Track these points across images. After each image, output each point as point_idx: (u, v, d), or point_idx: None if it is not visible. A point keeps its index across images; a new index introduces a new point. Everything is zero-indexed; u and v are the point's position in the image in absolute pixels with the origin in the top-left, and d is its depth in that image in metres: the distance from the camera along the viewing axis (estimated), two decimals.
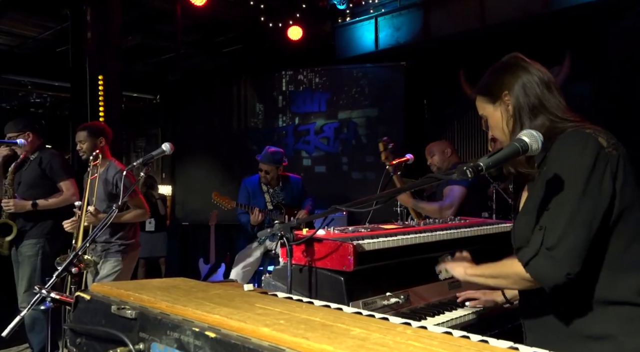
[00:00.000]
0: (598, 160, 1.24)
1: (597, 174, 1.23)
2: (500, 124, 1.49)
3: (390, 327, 0.88)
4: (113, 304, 1.01)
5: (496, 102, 1.50)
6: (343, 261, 1.76)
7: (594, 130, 1.32)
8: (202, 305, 0.96)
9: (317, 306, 1.04)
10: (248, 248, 4.27)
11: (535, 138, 1.16)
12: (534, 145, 1.15)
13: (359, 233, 2.02)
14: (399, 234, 2.03)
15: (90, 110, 4.50)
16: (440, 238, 2.11)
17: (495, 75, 1.52)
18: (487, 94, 1.53)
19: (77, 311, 1.11)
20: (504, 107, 1.47)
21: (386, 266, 1.90)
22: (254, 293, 1.13)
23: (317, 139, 5.90)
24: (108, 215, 2.33)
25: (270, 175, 4.26)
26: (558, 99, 1.43)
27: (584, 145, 1.27)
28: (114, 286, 1.11)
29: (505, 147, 1.19)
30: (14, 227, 3.51)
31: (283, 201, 4.33)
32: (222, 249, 5.50)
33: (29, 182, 3.59)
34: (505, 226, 2.50)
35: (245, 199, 4.28)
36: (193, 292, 1.10)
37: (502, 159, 1.17)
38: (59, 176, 3.64)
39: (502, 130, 1.49)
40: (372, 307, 1.80)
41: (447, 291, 2.11)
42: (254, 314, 0.90)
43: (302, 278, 1.89)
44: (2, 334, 2.05)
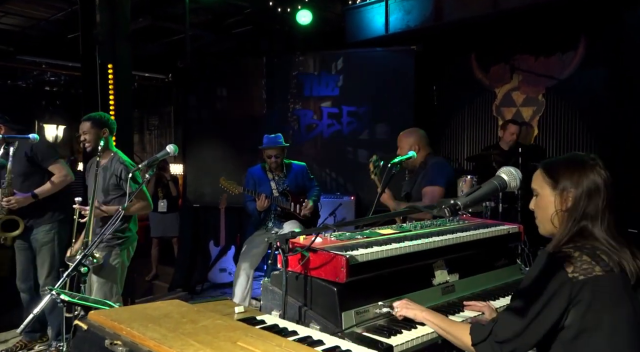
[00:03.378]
0: (561, 287, 1.37)
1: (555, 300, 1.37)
2: (548, 209, 1.51)
3: None
4: (107, 338, 1.08)
5: (556, 189, 1.50)
6: (336, 273, 1.81)
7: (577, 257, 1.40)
8: (187, 344, 1.02)
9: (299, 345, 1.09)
10: (256, 234, 4.35)
11: (514, 176, 1.18)
12: (512, 183, 1.18)
13: (354, 241, 2.07)
14: (394, 241, 2.07)
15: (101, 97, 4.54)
16: (434, 246, 2.15)
17: (569, 166, 1.52)
18: (552, 177, 1.52)
19: (76, 339, 1.19)
20: (561, 199, 1.49)
21: (379, 275, 1.95)
22: (240, 325, 1.20)
23: (327, 122, 5.90)
24: (114, 217, 2.41)
25: (280, 158, 4.31)
26: (608, 221, 1.46)
27: (552, 275, 1.38)
28: (109, 316, 1.18)
29: (484, 185, 1.22)
30: (21, 223, 3.58)
31: (288, 188, 4.39)
32: (232, 232, 5.62)
33: (21, 174, 3.60)
34: (502, 228, 2.52)
35: (252, 186, 4.34)
36: (182, 323, 1.16)
37: (480, 198, 1.20)
38: (48, 161, 3.64)
39: (547, 214, 1.52)
40: (364, 316, 1.86)
41: (440, 296, 2.16)
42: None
43: (298, 285, 1.95)
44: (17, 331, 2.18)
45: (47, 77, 8.99)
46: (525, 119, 5.74)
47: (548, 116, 5.56)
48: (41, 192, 3.60)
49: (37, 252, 3.72)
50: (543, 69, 5.54)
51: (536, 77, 5.58)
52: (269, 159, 4.29)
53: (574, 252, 1.40)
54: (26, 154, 3.58)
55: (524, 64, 5.63)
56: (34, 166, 3.64)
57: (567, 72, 5.39)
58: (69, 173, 3.69)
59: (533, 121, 5.72)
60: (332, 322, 1.79)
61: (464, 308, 2.06)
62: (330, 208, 5.28)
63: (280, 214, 4.36)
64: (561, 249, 1.43)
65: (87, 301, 2.18)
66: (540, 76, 5.53)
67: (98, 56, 4.43)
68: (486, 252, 2.44)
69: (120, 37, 4.45)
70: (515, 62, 5.67)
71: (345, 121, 5.82)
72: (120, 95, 4.45)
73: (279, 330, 1.33)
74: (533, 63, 5.58)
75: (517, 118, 5.69)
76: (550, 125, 5.57)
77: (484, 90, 5.88)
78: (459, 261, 2.28)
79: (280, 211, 4.35)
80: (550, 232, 1.54)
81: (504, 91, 5.82)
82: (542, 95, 5.59)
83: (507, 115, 5.80)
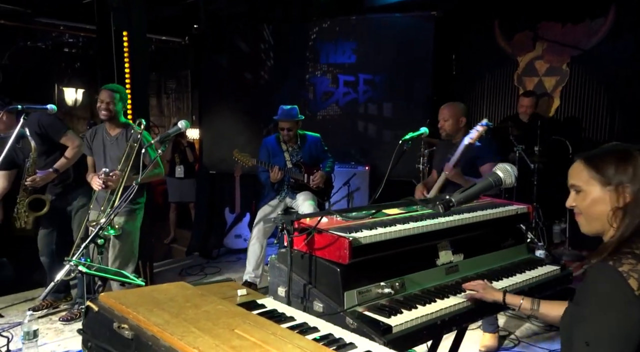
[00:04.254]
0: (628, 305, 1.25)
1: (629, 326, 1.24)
2: (599, 207, 1.41)
3: None
4: (115, 320, 1.17)
5: (609, 185, 1.40)
6: (339, 254, 1.87)
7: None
8: (188, 331, 1.10)
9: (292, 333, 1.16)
10: (269, 205, 4.44)
11: (510, 173, 1.19)
12: (508, 180, 1.19)
13: (359, 221, 2.11)
14: (398, 222, 2.10)
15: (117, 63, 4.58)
16: (439, 227, 2.17)
17: (620, 159, 1.41)
18: (600, 172, 1.41)
19: (88, 320, 1.28)
20: (617, 196, 1.38)
21: (383, 256, 2.00)
22: (239, 311, 1.27)
23: (343, 91, 5.86)
24: (129, 190, 2.50)
25: (293, 131, 4.34)
26: None
27: (614, 285, 1.27)
28: (118, 299, 1.26)
29: (478, 183, 1.24)
30: (47, 201, 3.74)
31: (302, 159, 4.43)
32: (247, 199, 5.73)
33: (38, 153, 3.70)
34: (510, 209, 2.53)
35: (266, 157, 4.40)
36: (185, 308, 1.24)
37: (474, 195, 1.21)
38: (58, 134, 3.75)
39: (597, 213, 1.42)
40: (366, 296, 1.93)
41: (443, 276, 2.21)
42: (229, 347, 1.03)
43: (303, 264, 2.02)
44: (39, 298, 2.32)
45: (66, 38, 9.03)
46: (547, 89, 5.60)
47: (571, 87, 5.42)
48: (60, 166, 3.74)
49: (74, 215, 3.91)
50: (569, 37, 5.36)
51: (561, 45, 5.41)
52: (282, 131, 4.32)
53: (636, 264, 1.28)
54: (36, 132, 3.68)
55: (549, 31, 5.45)
56: (47, 143, 3.76)
57: (595, 40, 5.21)
58: (80, 142, 3.80)
59: (555, 92, 5.58)
60: (335, 301, 1.86)
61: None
62: (344, 178, 5.34)
63: (294, 185, 4.42)
64: (621, 258, 1.30)
65: (105, 272, 2.30)
66: (565, 45, 5.36)
67: (113, 23, 4.44)
68: (493, 233, 2.47)
69: (135, 2, 4.44)
70: (540, 30, 5.49)
71: (361, 89, 5.77)
72: (135, 61, 4.49)
73: (277, 315, 1.41)
74: (559, 30, 5.40)
75: (539, 88, 5.57)
76: (573, 97, 5.43)
77: (506, 58, 5.73)
78: (464, 242, 2.30)
79: (293, 182, 4.41)
80: (598, 231, 1.45)
81: (527, 60, 5.67)
82: (566, 64, 5.43)
83: (529, 85, 5.67)
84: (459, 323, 1.98)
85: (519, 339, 3.55)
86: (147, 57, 4.84)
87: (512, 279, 2.26)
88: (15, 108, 3.19)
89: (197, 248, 5.94)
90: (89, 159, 3.71)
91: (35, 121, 3.66)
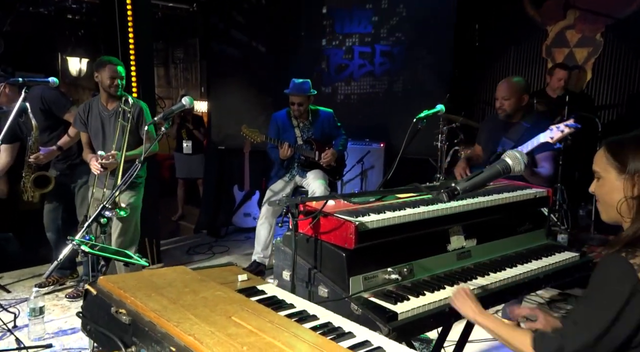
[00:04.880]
0: (633, 296, 1.29)
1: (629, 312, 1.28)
2: (614, 195, 1.42)
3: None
4: (113, 305, 1.23)
5: (623, 173, 1.41)
6: (345, 239, 1.90)
7: None
8: (184, 317, 1.15)
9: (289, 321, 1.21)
10: (278, 183, 4.49)
11: (519, 160, 1.20)
12: (517, 168, 1.20)
13: (367, 205, 2.14)
14: (408, 206, 2.13)
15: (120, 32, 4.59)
16: (451, 211, 2.19)
17: (633, 147, 1.42)
18: (618, 159, 1.42)
19: (87, 303, 1.34)
20: (631, 184, 1.39)
21: (391, 240, 2.03)
22: (238, 298, 1.32)
23: (358, 63, 5.82)
24: (131, 169, 2.56)
25: (304, 106, 4.34)
26: None
27: (624, 281, 1.30)
28: (116, 283, 1.32)
29: (486, 170, 1.25)
30: (52, 179, 3.84)
31: (313, 136, 4.45)
32: (257, 176, 5.79)
33: (42, 129, 3.80)
34: (528, 192, 2.53)
35: (275, 133, 4.42)
36: (184, 294, 1.30)
37: (481, 183, 1.23)
38: (62, 110, 3.85)
39: (611, 201, 1.44)
40: (373, 282, 1.97)
41: (454, 262, 2.24)
42: (225, 335, 1.09)
43: (309, 248, 2.06)
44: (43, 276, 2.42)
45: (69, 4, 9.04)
46: (578, 61, 5.48)
47: (605, 59, 5.29)
48: (64, 144, 3.84)
49: (77, 191, 4.02)
50: (604, 5, 5.21)
51: (595, 14, 5.26)
52: (293, 106, 4.33)
53: None
54: (40, 108, 3.76)
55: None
56: (51, 119, 3.85)
57: (632, 8, 5.05)
58: None
59: (587, 64, 5.46)
60: (340, 287, 1.91)
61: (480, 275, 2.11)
62: (357, 156, 5.35)
63: (304, 163, 4.45)
64: (636, 250, 1.33)
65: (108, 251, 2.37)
66: (599, 14, 5.21)
67: None
68: (508, 217, 2.48)
69: None
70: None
71: (377, 61, 5.72)
72: (140, 29, 4.51)
73: (276, 302, 1.46)
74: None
75: (570, 61, 5.45)
76: (607, 70, 5.31)
77: (534, 28, 5.60)
78: (478, 226, 2.32)
79: (304, 160, 4.44)
80: (615, 220, 1.47)
81: (557, 30, 5.54)
82: (600, 34, 5.29)
83: (558, 57, 5.55)
84: None
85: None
86: (151, 24, 4.85)
87: (527, 265, 2.28)
88: (17, 81, 3.25)
89: (206, 226, 6.05)
90: (83, 135, 3.75)
91: (38, 96, 3.73)
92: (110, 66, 3.55)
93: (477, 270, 2.18)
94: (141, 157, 2.55)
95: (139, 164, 2.52)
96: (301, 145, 4.40)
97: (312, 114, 4.48)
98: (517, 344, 1.52)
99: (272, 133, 4.43)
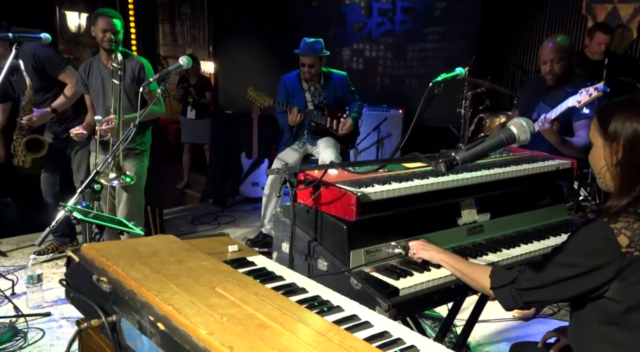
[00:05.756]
0: (610, 261, 1.38)
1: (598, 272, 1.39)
2: (600, 161, 1.47)
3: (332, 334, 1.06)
4: (95, 273, 1.28)
5: (605, 141, 1.44)
6: (346, 210, 1.93)
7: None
8: (166, 287, 1.20)
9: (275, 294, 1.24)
10: (287, 151, 4.51)
11: (525, 129, 1.19)
12: (522, 137, 1.19)
13: (372, 175, 2.15)
14: (416, 177, 2.13)
15: None
16: (463, 183, 2.19)
17: (624, 107, 1.42)
18: (602, 125, 1.44)
19: (70, 270, 1.40)
20: (612, 151, 1.42)
21: (395, 213, 2.05)
22: (224, 269, 1.36)
23: (377, 21, 5.72)
24: (126, 133, 2.60)
25: (315, 68, 4.32)
26: None
27: (603, 246, 1.38)
28: (99, 251, 1.37)
29: (488, 138, 1.25)
30: (46, 143, 3.91)
31: (325, 101, 4.43)
32: (265, 143, 5.81)
33: (35, 89, 3.81)
34: (549, 164, 2.51)
35: (284, 97, 4.42)
36: (168, 263, 1.34)
37: (482, 153, 1.23)
38: (57, 70, 3.87)
39: (597, 167, 1.49)
40: (375, 256, 2.00)
41: (464, 237, 2.26)
42: (205, 305, 1.13)
43: (309, 219, 2.10)
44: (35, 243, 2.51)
45: None
46: (622, 19, 5.31)
47: None
48: (59, 105, 3.89)
49: (73, 156, 4.10)
50: None
51: None
52: (303, 67, 4.30)
53: (633, 223, 1.35)
54: (33, 66, 3.79)
55: None
56: (45, 78, 3.88)
57: None
58: None
59: (632, 22, 5.29)
60: (340, 260, 1.95)
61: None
62: (373, 123, 5.33)
63: (315, 130, 4.45)
64: (619, 215, 1.38)
65: (101, 219, 2.45)
66: None
67: None
68: (527, 190, 2.47)
69: None
70: None
71: (398, 19, 5.61)
72: None
73: (265, 274, 1.50)
74: None
75: (613, 19, 5.28)
76: None
77: None
78: (492, 200, 2.32)
79: (314, 127, 4.44)
80: (607, 188, 1.51)
81: None
82: None
83: (600, 14, 5.39)
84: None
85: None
86: None
87: (543, 242, 2.28)
88: (7, 36, 3.28)
89: (212, 195, 6.14)
90: (86, 97, 3.81)
91: (32, 53, 3.76)
92: (104, 18, 3.54)
93: (489, 246, 2.19)
94: (136, 121, 2.58)
95: (134, 128, 2.56)
96: (312, 110, 4.39)
97: (324, 76, 4.45)
98: (477, 278, 1.72)
99: (281, 97, 4.43)
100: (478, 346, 3.15)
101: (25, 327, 3.17)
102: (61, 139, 4.07)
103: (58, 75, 3.88)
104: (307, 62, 4.29)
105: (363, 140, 5.30)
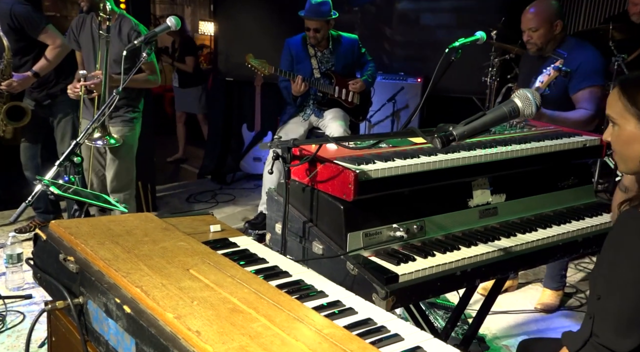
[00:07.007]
0: None
1: None
2: (633, 145, 1.42)
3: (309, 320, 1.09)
4: (62, 252, 1.32)
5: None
6: (343, 189, 1.95)
7: None
8: (136, 268, 1.24)
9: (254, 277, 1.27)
10: (290, 124, 4.52)
11: (530, 102, 1.19)
12: (527, 110, 1.19)
13: (374, 151, 2.16)
14: (423, 153, 2.14)
15: None
16: (476, 161, 2.20)
17: None
18: (634, 104, 1.40)
19: (37, 248, 1.44)
20: None
21: (398, 193, 2.07)
22: (202, 250, 1.39)
23: None
24: (110, 99, 2.63)
25: (321, 33, 4.29)
26: None
27: None
28: (68, 229, 1.41)
29: (490, 111, 1.25)
30: (28, 110, 3.95)
31: (333, 68, 4.41)
32: (269, 114, 5.82)
33: (14, 51, 3.83)
34: (575, 141, 2.50)
35: (288, 63, 4.40)
36: (142, 243, 1.38)
37: (482, 127, 1.23)
38: (36, 30, 3.87)
39: (632, 153, 1.43)
40: (375, 239, 2.03)
41: (476, 220, 2.27)
42: (176, 288, 1.16)
43: (305, 198, 2.12)
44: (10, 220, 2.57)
45: None
46: None
47: None
48: (40, 69, 3.91)
49: (56, 124, 4.15)
50: None
51: None
52: (308, 32, 4.28)
53: None
54: (9, 26, 3.79)
55: None
56: (24, 40, 3.89)
57: None
58: (63, 40, 3.92)
59: None
60: (337, 243, 1.97)
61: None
62: (388, 93, 5.30)
63: (322, 101, 4.44)
64: None
65: (81, 195, 2.49)
66: None
67: None
68: (549, 169, 2.47)
69: None
70: None
71: None
72: None
73: (247, 256, 1.53)
74: None
75: None
76: None
77: None
78: (508, 179, 2.33)
79: (321, 97, 4.43)
80: (636, 172, 1.49)
81: None
82: None
83: None
84: (484, 276, 2.05)
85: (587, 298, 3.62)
86: None
87: (564, 227, 2.29)
88: None
89: (210, 170, 6.19)
90: (77, 55, 3.83)
91: (7, 12, 3.78)
92: None
93: (502, 230, 2.20)
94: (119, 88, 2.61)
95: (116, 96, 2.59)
96: (318, 79, 4.38)
97: (332, 41, 4.43)
98: None
99: (284, 64, 4.41)
100: (495, 339, 3.19)
101: (4, 310, 3.26)
102: (43, 106, 4.11)
103: (38, 36, 3.90)
104: (312, 26, 4.25)
105: (377, 112, 5.28)
